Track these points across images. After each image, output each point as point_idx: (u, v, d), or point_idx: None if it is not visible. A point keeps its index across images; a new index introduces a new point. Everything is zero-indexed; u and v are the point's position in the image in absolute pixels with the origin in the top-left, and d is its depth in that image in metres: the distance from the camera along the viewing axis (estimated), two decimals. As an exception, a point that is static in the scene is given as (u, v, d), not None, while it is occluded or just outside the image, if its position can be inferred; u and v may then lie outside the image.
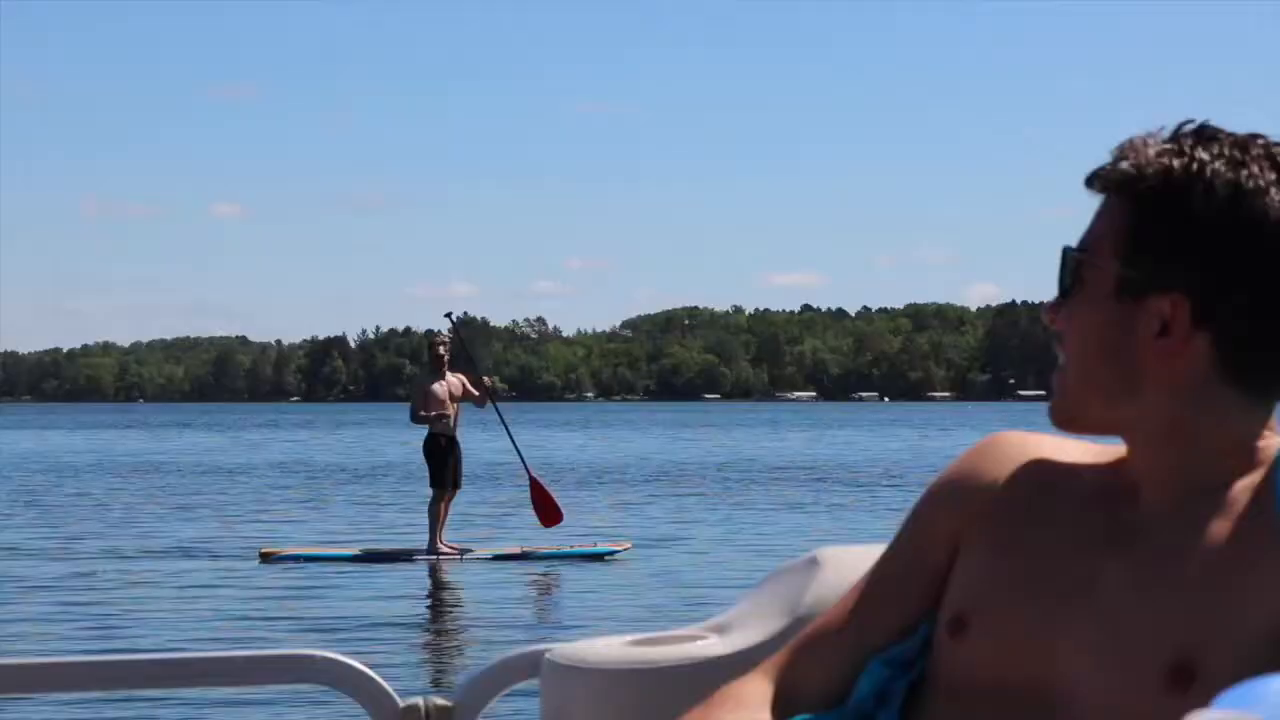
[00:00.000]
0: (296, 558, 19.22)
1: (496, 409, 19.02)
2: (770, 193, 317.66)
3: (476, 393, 19.13)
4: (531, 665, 2.30)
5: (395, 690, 2.36)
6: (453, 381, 19.04)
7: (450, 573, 18.26)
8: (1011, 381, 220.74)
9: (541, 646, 2.30)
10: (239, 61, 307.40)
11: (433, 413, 18.84)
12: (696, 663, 2.19)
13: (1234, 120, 1.80)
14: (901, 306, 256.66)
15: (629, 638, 2.26)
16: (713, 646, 2.21)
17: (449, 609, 16.12)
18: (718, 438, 70.87)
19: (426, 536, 19.42)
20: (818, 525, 24.25)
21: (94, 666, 2.41)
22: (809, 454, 52.54)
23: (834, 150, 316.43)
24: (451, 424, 19.05)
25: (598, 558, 19.28)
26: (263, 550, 19.65)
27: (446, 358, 19.01)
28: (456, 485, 19.38)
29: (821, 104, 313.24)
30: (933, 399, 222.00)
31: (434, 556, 19.03)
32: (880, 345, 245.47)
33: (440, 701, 2.33)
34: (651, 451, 55.76)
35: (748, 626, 2.22)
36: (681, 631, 2.26)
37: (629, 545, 19.84)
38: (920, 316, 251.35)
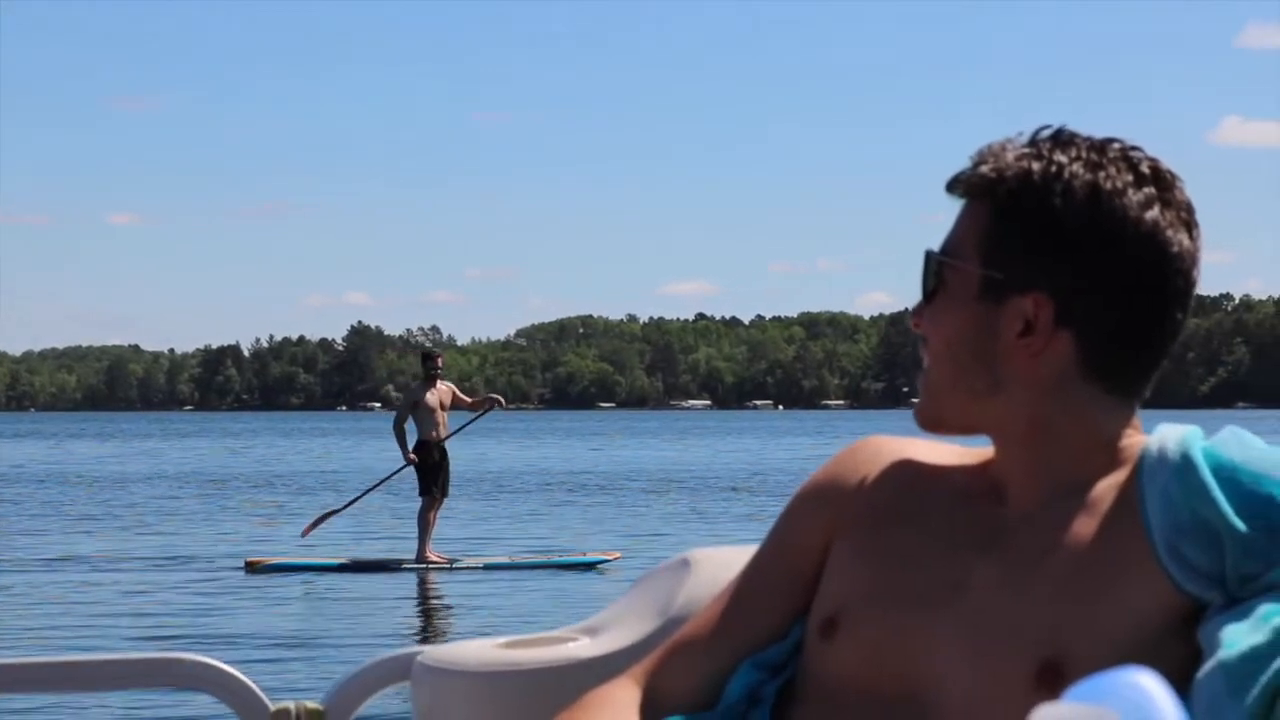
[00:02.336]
0: (283, 567, 18.91)
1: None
2: (664, 201, 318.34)
3: (468, 399, 19.74)
4: (403, 667, 2.29)
5: (266, 693, 2.34)
6: (443, 390, 19.41)
7: (436, 582, 18.12)
8: (905, 390, 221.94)
9: (414, 649, 2.28)
10: (141, 72, 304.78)
11: (410, 450, 19.19)
12: (567, 665, 2.18)
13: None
14: (795, 315, 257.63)
15: (501, 639, 2.25)
16: (583, 648, 2.20)
17: (417, 618, 15.92)
18: (667, 446, 70.81)
19: (415, 545, 19.30)
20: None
21: None
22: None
23: (726, 159, 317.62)
24: (440, 432, 19.29)
25: (588, 567, 19.11)
26: (248, 560, 19.29)
27: (441, 372, 19.68)
28: (444, 494, 19.44)
29: (713, 114, 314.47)
30: (827, 407, 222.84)
31: (422, 566, 18.95)
32: (774, 354, 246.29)
33: (311, 705, 2.30)
34: (612, 458, 55.80)
35: (619, 628, 2.22)
36: (553, 634, 2.26)
37: (618, 555, 19.63)
38: (814, 325, 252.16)
